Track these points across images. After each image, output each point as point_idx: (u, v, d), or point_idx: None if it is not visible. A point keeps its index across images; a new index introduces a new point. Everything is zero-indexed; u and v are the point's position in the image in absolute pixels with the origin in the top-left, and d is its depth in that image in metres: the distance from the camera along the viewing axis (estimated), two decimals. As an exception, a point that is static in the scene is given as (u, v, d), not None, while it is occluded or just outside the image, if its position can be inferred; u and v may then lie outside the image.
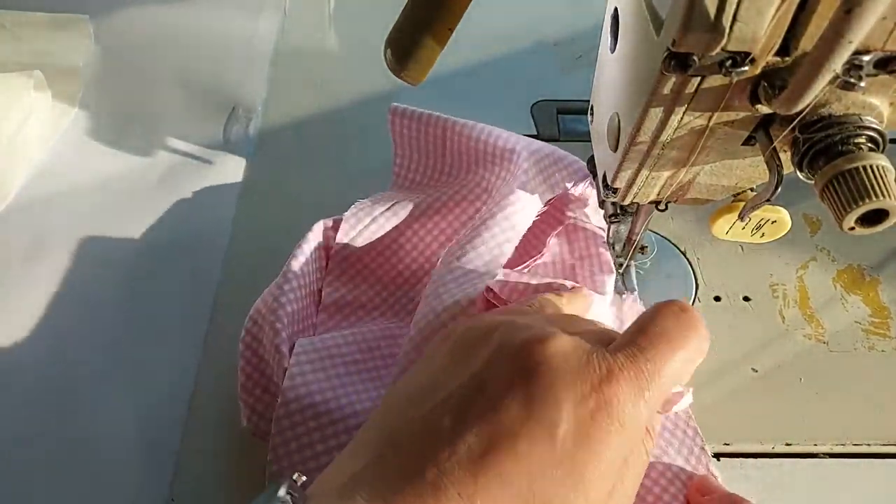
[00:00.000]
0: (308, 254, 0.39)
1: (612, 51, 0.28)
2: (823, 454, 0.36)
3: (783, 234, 0.31)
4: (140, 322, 0.42)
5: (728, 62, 0.20)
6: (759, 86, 0.22)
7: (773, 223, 0.30)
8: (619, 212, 0.35)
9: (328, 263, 0.41)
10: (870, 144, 0.22)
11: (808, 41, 0.20)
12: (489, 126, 0.41)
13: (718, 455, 0.36)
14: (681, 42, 0.20)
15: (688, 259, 0.43)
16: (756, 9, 0.19)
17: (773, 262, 0.43)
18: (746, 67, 0.20)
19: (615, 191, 0.31)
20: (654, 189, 0.30)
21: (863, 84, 0.20)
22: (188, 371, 0.40)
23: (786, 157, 0.24)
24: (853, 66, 0.20)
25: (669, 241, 0.44)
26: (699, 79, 0.22)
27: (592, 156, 0.35)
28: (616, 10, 0.27)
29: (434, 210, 0.41)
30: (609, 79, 0.29)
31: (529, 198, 0.38)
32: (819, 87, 0.19)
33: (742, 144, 0.26)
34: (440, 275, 0.35)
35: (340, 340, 0.37)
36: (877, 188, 0.21)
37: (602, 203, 0.36)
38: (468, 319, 0.31)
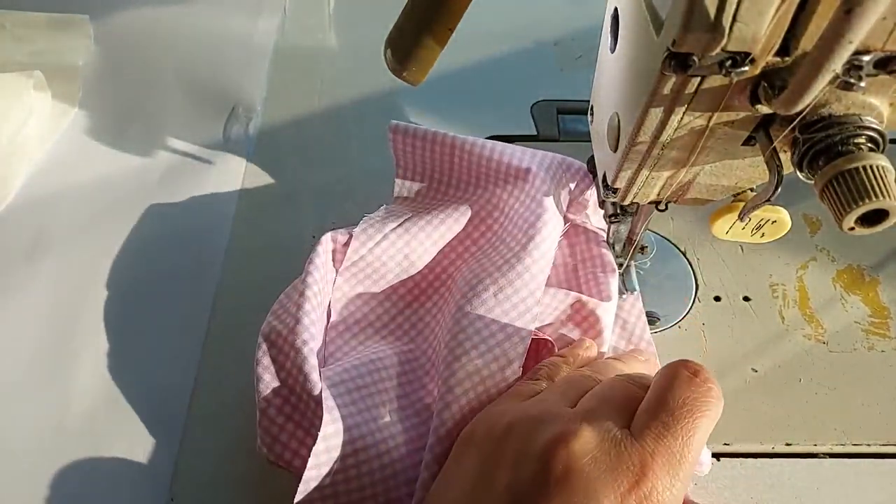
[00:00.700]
0: (321, 269, 0.37)
1: (612, 51, 0.28)
2: (823, 454, 0.36)
3: (783, 234, 0.31)
4: (140, 322, 0.42)
5: (728, 62, 0.20)
6: (759, 86, 0.22)
7: (773, 223, 0.30)
8: (619, 212, 0.35)
9: (336, 280, 0.40)
10: (870, 144, 0.22)
11: (808, 41, 0.20)
12: (499, 143, 0.40)
13: (718, 455, 0.36)
14: (681, 42, 0.20)
15: (688, 259, 0.43)
16: (756, 9, 0.19)
17: (773, 262, 0.43)
18: (746, 67, 0.20)
19: (615, 191, 0.31)
20: (654, 189, 0.30)
21: (863, 84, 0.20)
22: (188, 370, 0.40)
23: (786, 157, 0.24)
24: (853, 67, 0.20)
25: (669, 241, 0.44)
26: (699, 79, 0.22)
27: (592, 156, 0.35)
28: (616, 11, 0.27)
29: (446, 227, 0.40)
30: (609, 79, 0.29)
31: (556, 222, 0.38)
32: (819, 88, 0.19)
33: (742, 144, 0.26)
34: (471, 306, 0.35)
35: (354, 373, 0.35)
36: (877, 188, 0.21)
37: (602, 203, 0.36)
38: (483, 417, 0.30)
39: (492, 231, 0.40)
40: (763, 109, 0.23)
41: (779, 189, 0.25)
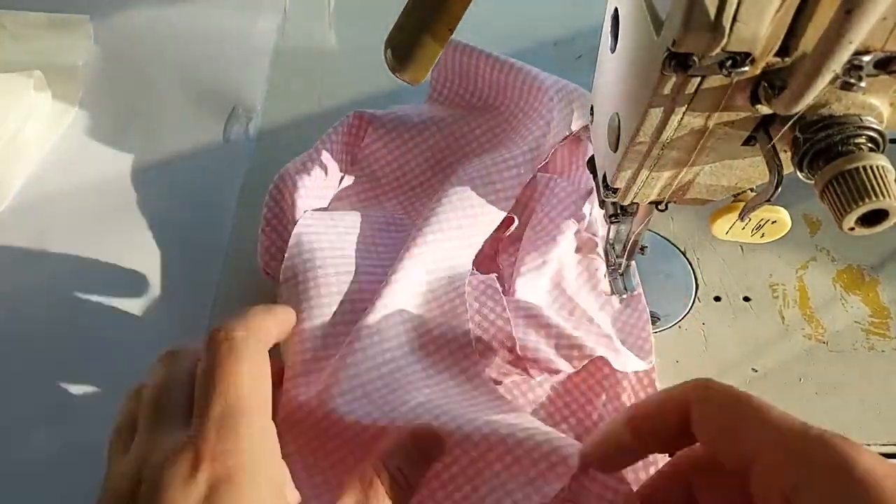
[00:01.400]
0: (336, 140, 0.44)
1: (613, 51, 0.28)
2: (823, 454, 0.36)
3: (783, 234, 0.31)
4: (140, 322, 0.42)
5: (728, 62, 0.20)
6: (760, 86, 0.22)
7: (773, 223, 0.30)
8: (619, 212, 0.35)
9: (352, 158, 0.46)
10: (870, 145, 0.22)
11: (809, 41, 0.20)
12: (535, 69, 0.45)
13: (718, 455, 0.36)
14: (681, 42, 0.20)
15: (688, 259, 0.43)
16: (756, 9, 0.19)
17: (773, 262, 0.43)
18: (746, 68, 0.20)
19: (615, 191, 0.31)
20: (654, 189, 0.30)
21: (863, 84, 0.20)
22: (188, 371, 0.40)
23: (786, 158, 0.24)
24: (853, 67, 0.20)
25: (669, 241, 0.44)
26: (699, 79, 0.22)
27: (592, 156, 0.35)
28: (616, 11, 0.27)
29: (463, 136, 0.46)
30: (609, 79, 0.29)
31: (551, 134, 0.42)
32: (819, 88, 0.19)
33: (742, 145, 0.26)
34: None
35: (348, 218, 0.42)
36: (877, 188, 0.21)
37: (602, 203, 0.36)
38: None
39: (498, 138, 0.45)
40: (763, 109, 0.23)
41: (779, 189, 0.25)
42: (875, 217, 0.21)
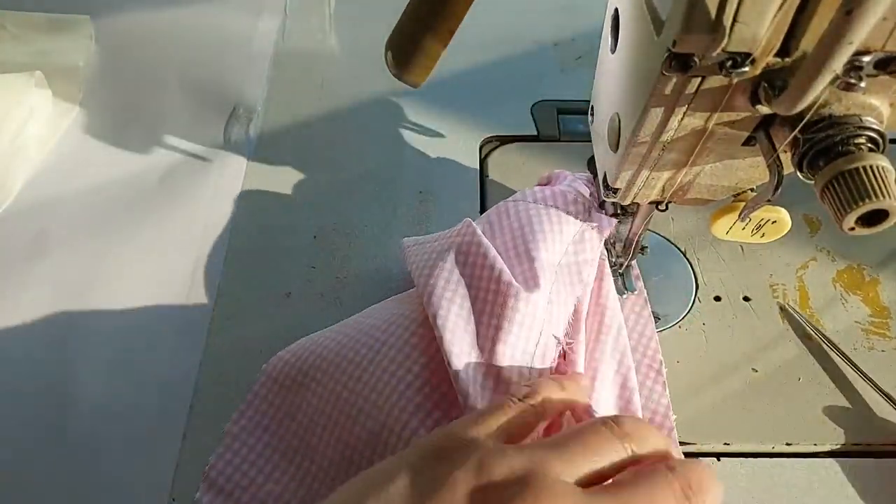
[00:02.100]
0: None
1: (613, 51, 0.28)
2: (823, 454, 0.36)
3: (783, 234, 0.31)
4: (140, 322, 0.42)
5: (728, 63, 0.20)
6: (760, 86, 0.22)
7: (773, 223, 0.30)
8: (620, 212, 0.35)
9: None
10: (870, 145, 0.22)
11: (809, 42, 0.20)
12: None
13: (718, 455, 0.36)
14: (681, 42, 0.20)
15: (688, 259, 0.43)
16: (756, 10, 0.19)
17: (773, 262, 0.43)
18: (747, 68, 0.20)
19: (615, 191, 0.31)
20: (655, 189, 0.30)
21: (863, 84, 0.20)
22: (188, 371, 0.40)
23: (786, 158, 0.24)
24: (853, 67, 0.20)
25: (669, 241, 0.44)
26: (699, 79, 0.22)
27: (592, 156, 0.35)
28: (616, 11, 0.27)
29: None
30: (609, 79, 0.29)
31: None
32: (819, 88, 0.19)
33: (742, 145, 0.26)
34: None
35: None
36: (877, 188, 0.21)
37: (602, 203, 0.36)
38: (434, 437, 0.28)
39: None
40: (763, 110, 0.23)
41: (779, 189, 0.25)
42: (875, 217, 0.21)
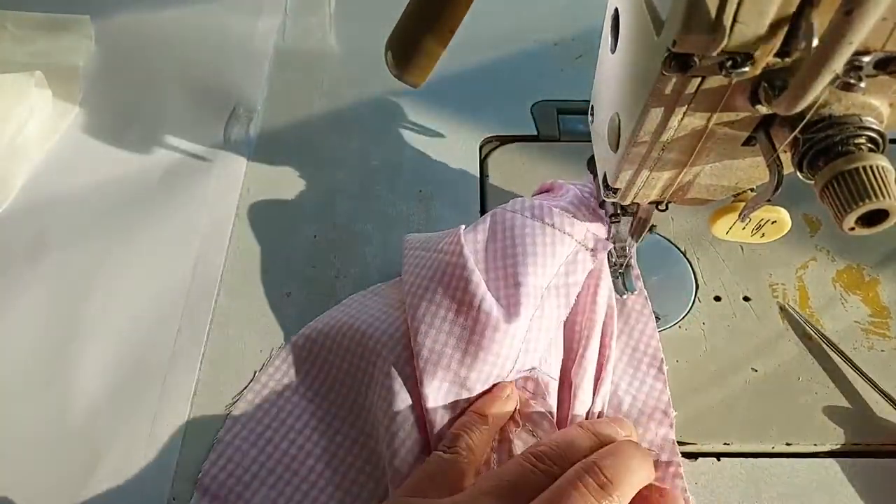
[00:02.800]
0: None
1: (613, 51, 0.28)
2: (823, 454, 0.36)
3: (783, 234, 0.31)
4: (140, 322, 0.42)
5: (728, 63, 0.20)
6: (760, 86, 0.22)
7: (773, 223, 0.30)
8: (620, 212, 0.35)
9: None
10: (870, 145, 0.22)
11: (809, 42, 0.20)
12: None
13: (718, 455, 0.36)
14: (681, 42, 0.20)
15: (688, 259, 0.43)
16: (756, 10, 0.19)
17: (773, 262, 0.43)
18: (747, 68, 0.20)
19: (615, 191, 0.31)
20: (655, 189, 0.30)
21: (863, 85, 0.20)
22: (189, 371, 0.40)
23: (786, 158, 0.24)
24: (853, 67, 0.20)
25: (669, 241, 0.44)
26: (699, 79, 0.22)
27: (592, 156, 0.35)
28: (616, 11, 0.27)
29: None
30: (609, 79, 0.29)
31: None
32: (819, 88, 0.19)
33: (742, 145, 0.26)
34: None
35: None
36: (877, 188, 0.21)
37: (602, 203, 0.36)
38: None
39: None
40: (763, 110, 0.23)
41: (779, 189, 0.25)
42: (875, 217, 0.21)
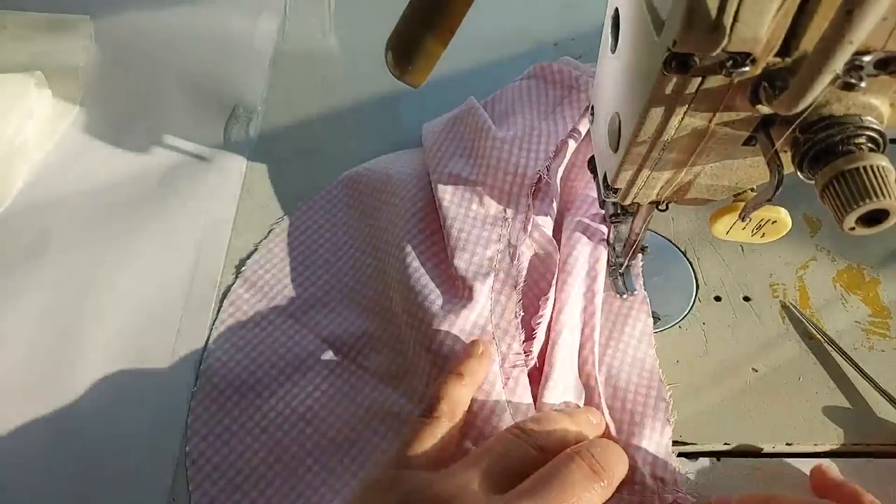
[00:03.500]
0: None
1: (613, 51, 0.28)
2: (823, 454, 0.36)
3: (783, 234, 0.31)
4: (140, 321, 0.42)
5: (729, 62, 0.20)
6: (760, 86, 0.22)
7: (773, 223, 0.30)
8: (620, 212, 0.35)
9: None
10: (870, 145, 0.22)
11: (809, 42, 0.20)
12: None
13: (718, 455, 0.36)
14: (681, 42, 0.20)
15: (688, 259, 0.43)
16: (757, 9, 0.19)
17: (773, 262, 0.43)
18: (747, 68, 0.20)
19: (616, 191, 0.31)
20: (655, 189, 0.30)
21: (863, 84, 0.20)
22: (189, 371, 0.40)
23: (786, 158, 0.24)
24: (854, 67, 0.20)
25: (669, 241, 0.44)
26: (700, 79, 0.22)
27: (593, 156, 0.35)
28: (616, 11, 0.27)
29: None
30: (609, 79, 0.29)
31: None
32: (820, 88, 0.19)
33: (742, 145, 0.26)
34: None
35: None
36: (877, 188, 0.21)
37: (602, 203, 0.36)
38: (383, 467, 0.29)
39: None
40: (763, 110, 0.23)
41: (779, 189, 0.25)
42: (875, 217, 0.21)
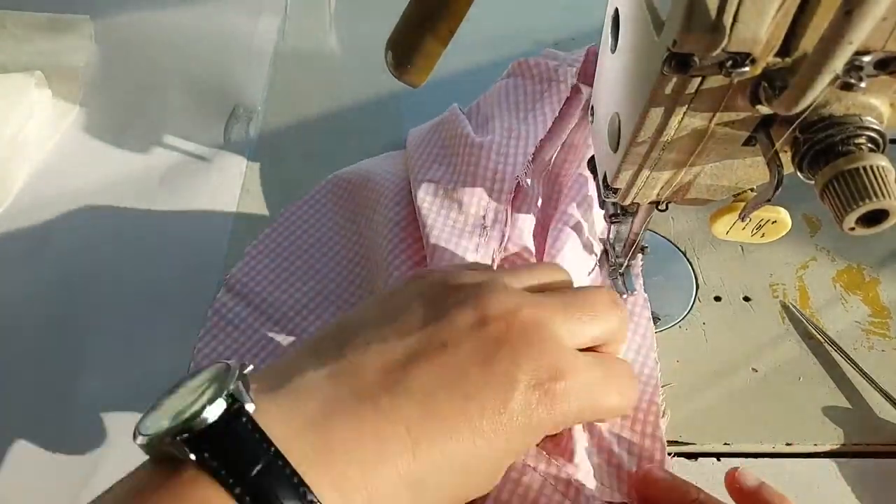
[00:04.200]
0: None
1: (613, 51, 0.28)
2: (823, 454, 0.36)
3: (783, 234, 0.31)
4: (140, 322, 0.42)
5: (728, 63, 0.20)
6: (760, 86, 0.22)
7: (773, 223, 0.30)
8: (620, 212, 0.35)
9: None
10: (870, 145, 0.22)
11: (809, 42, 0.20)
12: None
13: (718, 455, 0.36)
14: (681, 42, 0.20)
15: (688, 259, 0.43)
16: (757, 9, 0.19)
17: (773, 262, 0.43)
18: (747, 68, 0.20)
19: (615, 191, 0.31)
20: (655, 189, 0.30)
21: (863, 85, 0.20)
22: (188, 370, 0.40)
23: (786, 158, 0.24)
24: (853, 67, 0.20)
25: (669, 241, 0.44)
26: (699, 79, 0.22)
27: (593, 156, 0.35)
28: (616, 11, 0.27)
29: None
30: (609, 79, 0.29)
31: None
32: (819, 88, 0.19)
33: (742, 145, 0.26)
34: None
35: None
36: (877, 188, 0.21)
37: (602, 203, 0.36)
38: (444, 270, 0.31)
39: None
40: (763, 110, 0.23)
41: (779, 189, 0.25)
42: (875, 217, 0.21)
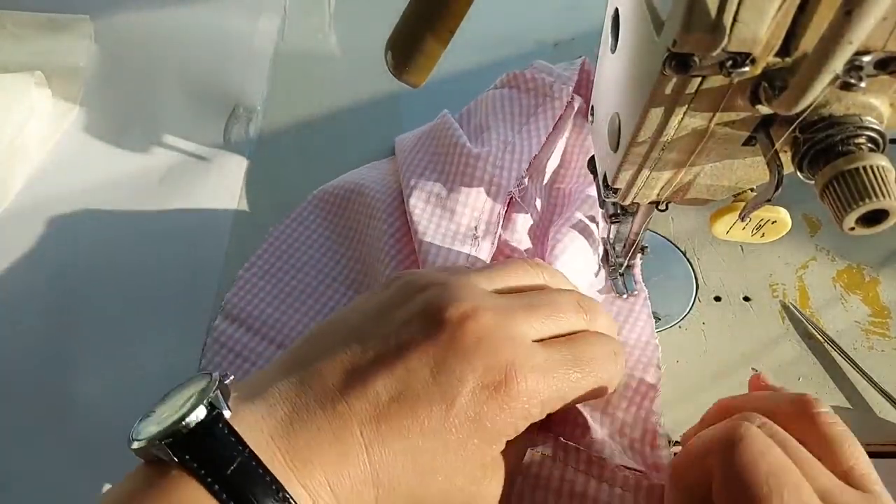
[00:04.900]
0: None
1: (613, 51, 0.28)
2: (823, 454, 0.36)
3: (783, 234, 0.31)
4: (140, 322, 0.42)
5: (728, 63, 0.20)
6: (760, 86, 0.22)
7: (773, 223, 0.30)
8: (620, 212, 0.35)
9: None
10: (870, 145, 0.22)
11: (809, 42, 0.20)
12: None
13: (718, 455, 0.36)
14: (681, 42, 0.20)
15: (688, 259, 0.43)
16: (757, 9, 0.19)
17: (773, 262, 0.43)
18: (747, 68, 0.20)
19: (615, 191, 0.31)
20: (655, 189, 0.30)
21: (863, 84, 0.20)
22: (188, 370, 0.40)
23: (786, 158, 0.24)
24: (853, 67, 0.20)
25: (669, 241, 0.44)
26: (699, 79, 0.22)
27: (593, 156, 0.35)
28: (616, 11, 0.27)
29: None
30: (609, 79, 0.29)
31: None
32: (819, 88, 0.19)
33: (742, 145, 0.26)
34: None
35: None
36: (877, 188, 0.21)
37: (602, 203, 0.36)
38: (416, 273, 0.32)
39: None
40: (763, 110, 0.23)
41: (779, 189, 0.25)
42: (875, 217, 0.21)
